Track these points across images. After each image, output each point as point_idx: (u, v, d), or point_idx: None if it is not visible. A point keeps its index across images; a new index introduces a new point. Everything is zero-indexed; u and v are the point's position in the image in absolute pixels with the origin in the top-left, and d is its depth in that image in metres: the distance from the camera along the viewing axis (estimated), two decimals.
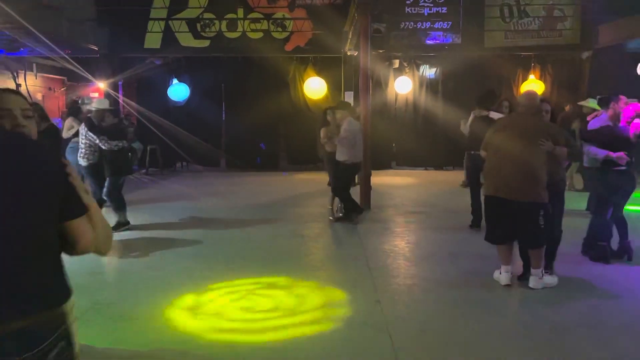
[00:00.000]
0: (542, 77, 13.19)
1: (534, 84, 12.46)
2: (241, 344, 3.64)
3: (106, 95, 12.14)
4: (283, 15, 12.87)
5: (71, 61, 11.35)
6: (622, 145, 5.08)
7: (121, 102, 13.26)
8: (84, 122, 6.90)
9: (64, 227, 1.59)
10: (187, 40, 12.84)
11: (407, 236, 6.83)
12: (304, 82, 13.06)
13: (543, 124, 4.63)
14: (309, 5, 12.79)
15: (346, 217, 7.39)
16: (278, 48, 12.93)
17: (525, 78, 13.08)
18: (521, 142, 4.51)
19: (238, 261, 5.64)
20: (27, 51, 11.37)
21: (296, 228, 7.18)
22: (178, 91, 13.09)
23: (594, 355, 3.48)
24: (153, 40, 12.83)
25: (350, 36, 11.27)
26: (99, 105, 7.07)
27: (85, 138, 6.79)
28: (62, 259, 1.65)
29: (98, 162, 6.89)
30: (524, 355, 3.50)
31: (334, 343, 3.67)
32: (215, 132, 13.72)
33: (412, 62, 13.47)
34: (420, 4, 12.74)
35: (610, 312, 4.16)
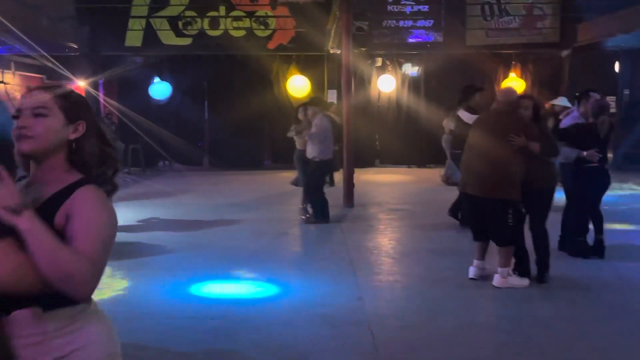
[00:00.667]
0: (523, 75, 13.34)
1: (515, 82, 12.59)
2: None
3: (86, 94, 11.98)
4: (265, 13, 12.82)
5: (51, 59, 11.18)
6: (594, 142, 5.13)
7: (102, 101, 13.11)
8: None
9: None
10: (169, 38, 12.74)
11: (390, 233, 6.87)
12: (287, 80, 13.04)
13: (515, 120, 4.53)
14: (292, 3, 12.75)
15: (316, 219, 7.13)
16: (261, 46, 12.89)
17: (506, 76, 13.21)
18: (492, 139, 4.52)
19: (221, 260, 5.62)
20: (6, 49, 11.18)
21: (280, 226, 7.17)
22: (160, 90, 12.99)
23: (572, 346, 3.54)
24: (134, 38, 12.71)
25: (333, 34, 11.29)
26: None
27: None
28: None
29: None
30: (504, 349, 3.56)
31: (316, 340, 3.68)
32: (198, 131, 13.65)
33: (395, 61, 13.53)
34: (402, 2, 12.79)
35: (586, 305, 4.24)
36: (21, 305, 1.36)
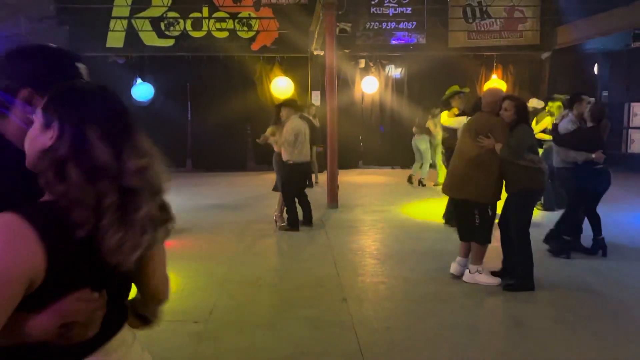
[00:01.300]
0: (504, 77, 13.50)
1: (496, 84, 12.72)
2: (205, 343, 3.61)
3: None
4: (249, 14, 12.79)
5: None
6: (597, 144, 5.26)
7: None
8: None
9: None
10: (151, 39, 12.63)
11: (374, 234, 6.89)
12: (271, 82, 13.00)
13: (486, 121, 4.57)
14: (275, 4, 12.75)
15: (289, 226, 6.92)
16: (244, 47, 12.85)
17: (488, 78, 13.35)
18: (465, 140, 4.66)
19: (204, 262, 5.58)
20: None
21: (263, 228, 7.15)
22: (142, 91, 12.85)
23: (552, 347, 3.58)
24: (115, 39, 12.57)
25: (316, 36, 11.29)
26: None
27: None
28: None
29: None
30: (487, 348, 3.59)
31: (300, 342, 3.67)
32: (181, 132, 13.53)
33: (378, 62, 13.58)
34: (385, 4, 12.87)
35: (567, 306, 4.30)
36: None
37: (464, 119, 6.05)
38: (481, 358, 3.47)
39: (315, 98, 12.70)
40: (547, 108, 7.68)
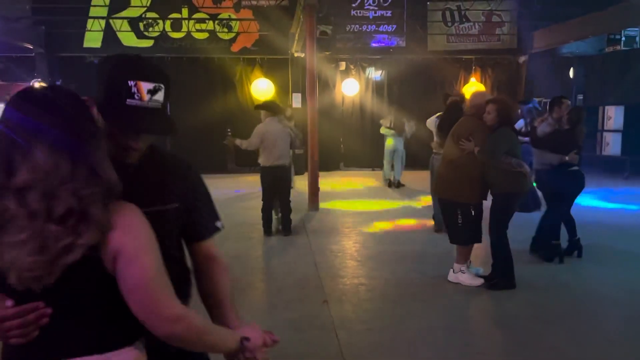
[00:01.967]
0: (483, 80, 13.68)
1: (475, 87, 12.90)
2: None
3: None
4: (229, 15, 12.74)
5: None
6: (572, 146, 5.34)
7: None
8: None
9: None
10: (130, 40, 12.49)
11: (355, 236, 6.91)
12: (251, 84, 12.97)
13: (468, 124, 4.65)
14: (255, 6, 12.72)
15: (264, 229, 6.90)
16: (224, 49, 12.79)
17: (467, 81, 13.52)
18: (449, 143, 4.77)
19: None
20: None
21: (244, 230, 7.11)
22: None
23: (531, 345, 3.64)
24: (93, 39, 12.40)
25: (297, 38, 11.29)
26: None
27: None
28: None
29: None
30: (467, 349, 3.62)
31: (281, 344, 3.66)
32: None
33: (359, 65, 13.65)
34: (365, 7, 12.94)
35: (545, 306, 4.37)
36: None
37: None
38: (460, 358, 3.50)
39: (296, 100, 12.70)
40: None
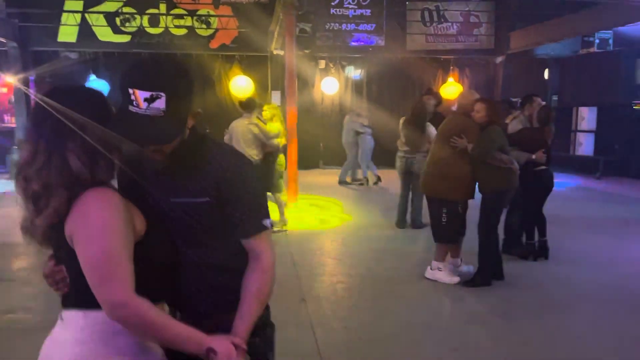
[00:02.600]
0: (461, 80, 13.83)
1: (453, 87, 13.04)
2: None
3: (16, 91, 11.35)
4: (208, 12, 12.62)
5: None
6: (539, 145, 5.36)
7: (32, 99, 12.45)
8: None
9: None
10: (106, 35, 12.28)
11: (333, 234, 6.92)
12: (230, 81, 12.89)
13: (459, 122, 4.72)
14: (234, 3, 12.63)
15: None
16: (203, 45, 12.67)
17: (444, 80, 13.65)
18: (437, 141, 4.83)
19: None
20: None
21: None
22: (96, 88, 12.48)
23: (504, 341, 3.70)
24: (68, 33, 12.16)
25: (276, 35, 11.24)
26: None
27: None
28: None
29: None
30: (442, 345, 3.67)
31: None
32: None
33: (338, 63, 13.67)
34: (345, 6, 12.95)
35: (519, 302, 4.45)
36: None
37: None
38: (436, 354, 3.54)
39: (275, 98, 12.65)
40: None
